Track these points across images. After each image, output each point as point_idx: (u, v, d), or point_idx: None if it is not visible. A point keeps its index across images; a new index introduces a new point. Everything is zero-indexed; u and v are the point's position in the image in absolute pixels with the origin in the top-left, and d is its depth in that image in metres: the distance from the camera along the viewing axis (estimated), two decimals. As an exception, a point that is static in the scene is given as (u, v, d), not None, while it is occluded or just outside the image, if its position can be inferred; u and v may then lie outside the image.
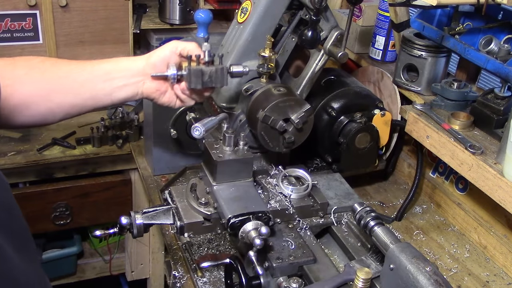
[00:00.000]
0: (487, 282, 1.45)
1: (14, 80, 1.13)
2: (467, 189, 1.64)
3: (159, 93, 1.26)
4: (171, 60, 1.24)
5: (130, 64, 1.24)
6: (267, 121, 1.35)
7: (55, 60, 1.25)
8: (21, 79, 1.14)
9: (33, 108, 1.16)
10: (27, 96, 1.14)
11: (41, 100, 1.17)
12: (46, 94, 1.17)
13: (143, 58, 1.25)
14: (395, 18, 1.74)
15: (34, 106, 1.16)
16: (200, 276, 1.35)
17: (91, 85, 1.21)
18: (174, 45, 1.25)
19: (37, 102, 1.16)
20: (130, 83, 1.23)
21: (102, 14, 2.33)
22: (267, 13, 1.46)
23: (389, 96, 1.80)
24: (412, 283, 1.02)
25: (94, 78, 1.21)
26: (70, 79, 1.20)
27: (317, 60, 1.52)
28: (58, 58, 1.25)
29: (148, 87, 1.24)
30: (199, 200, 1.26)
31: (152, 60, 1.23)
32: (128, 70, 1.23)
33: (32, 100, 1.15)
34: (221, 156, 1.23)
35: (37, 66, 1.18)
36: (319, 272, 1.21)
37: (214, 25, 2.37)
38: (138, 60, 1.25)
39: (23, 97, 1.14)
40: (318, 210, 1.39)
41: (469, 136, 1.47)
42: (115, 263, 2.61)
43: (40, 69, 1.18)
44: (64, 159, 2.08)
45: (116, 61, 1.25)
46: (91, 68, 1.23)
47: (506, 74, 1.40)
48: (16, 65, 1.16)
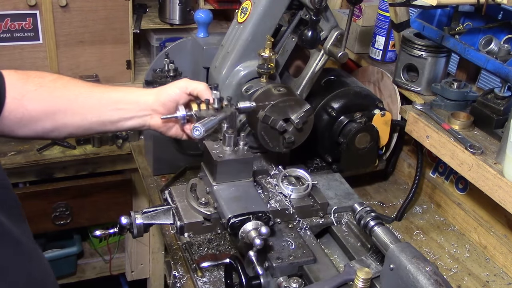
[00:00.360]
0: (487, 282, 1.45)
1: (23, 95, 1.15)
2: (467, 189, 1.64)
3: (166, 127, 1.29)
4: (180, 99, 1.26)
5: (139, 98, 1.25)
6: (267, 121, 1.35)
7: (68, 79, 1.24)
8: (30, 95, 1.16)
9: (39, 124, 1.18)
10: (33, 112, 1.16)
11: (47, 118, 1.19)
12: (52, 113, 1.19)
13: (153, 93, 1.26)
14: (395, 18, 1.74)
15: (39, 123, 1.18)
16: (200, 276, 1.35)
17: (98, 112, 1.23)
18: (184, 84, 1.27)
19: (43, 119, 1.18)
20: (138, 115, 1.25)
21: (102, 14, 2.33)
22: (267, 13, 1.46)
23: (389, 96, 1.80)
24: (412, 283, 1.02)
25: (102, 105, 1.23)
26: (78, 102, 1.21)
27: (317, 60, 1.52)
28: (72, 78, 1.26)
29: (156, 121, 1.27)
30: (199, 200, 1.26)
31: (162, 98, 1.25)
32: (136, 104, 1.25)
33: (38, 117, 1.17)
34: (221, 156, 1.23)
35: (47, 85, 1.20)
36: (319, 272, 1.21)
37: (214, 25, 2.37)
38: (148, 94, 1.26)
39: (29, 112, 1.16)
40: (318, 210, 1.39)
41: (469, 136, 1.47)
42: (115, 263, 2.61)
43: (50, 88, 1.20)
44: (64, 159, 2.08)
45: (126, 91, 1.26)
46: (100, 95, 1.23)
47: (506, 74, 1.40)
48: (28, 80, 1.18)
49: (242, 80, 1.51)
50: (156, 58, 1.94)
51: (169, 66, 1.87)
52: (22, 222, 0.98)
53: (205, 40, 1.81)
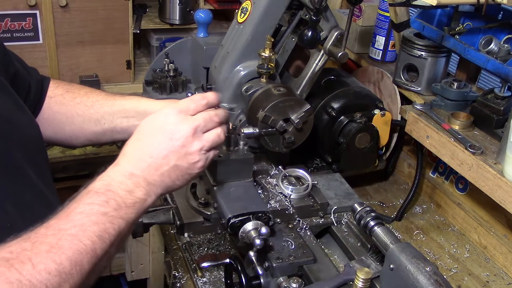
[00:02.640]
0: (487, 282, 1.45)
1: (51, 97, 1.28)
2: (467, 189, 1.64)
3: None
4: None
5: (148, 107, 1.25)
6: (267, 121, 1.35)
7: (91, 89, 1.32)
8: (57, 98, 1.28)
9: (59, 126, 1.27)
10: (57, 114, 1.27)
11: (67, 122, 1.27)
12: (71, 116, 1.27)
13: (162, 105, 1.24)
14: (395, 18, 1.74)
15: (60, 125, 1.27)
16: (200, 276, 1.35)
17: (110, 118, 1.26)
18: None
19: (64, 122, 1.27)
20: None
21: (102, 14, 2.33)
22: (267, 13, 1.46)
23: (389, 96, 1.80)
24: (412, 283, 1.02)
25: (113, 112, 1.26)
26: (94, 108, 1.27)
27: (317, 60, 1.52)
28: (94, 89, 1.34)
29: None
30: (199, 200, 1.26)
31: None
32: (144, 114, 1.23)
33: (60, 119, 1.27)
34: (221, 156, 1.23)
35: (72, 91, 1.30)
36: (319, 272, 1.21)
37: (214, 25, 2.37)
38: (158, 104, 1.25)
39: (53, 114, 1.27)
40: (318, 210, 1.39)
41: (469, 136, 1.47)
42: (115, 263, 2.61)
43: (74, 94, 1.29)
44: (64, 159, 2.08)
45: (138, 100, 1.28)
46: (113, 103, 1.27)
47: (506, 74, 1.40)
48: (58, 85, 1.31)
49: (242, 80, 1.51)
50: (156, 58, 1.95)
51: (169, 66, 1.87)
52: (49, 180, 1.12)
53: (205, 40, 1.81)
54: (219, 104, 1.11)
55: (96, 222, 0.86)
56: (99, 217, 0.86)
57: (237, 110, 1.53)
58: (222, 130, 1.07)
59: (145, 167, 0.97)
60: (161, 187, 0.99)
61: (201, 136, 1.02)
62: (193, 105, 1.04)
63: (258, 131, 1.33)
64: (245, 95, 1.48)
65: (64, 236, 0.82)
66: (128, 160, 0.97)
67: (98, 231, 0.85)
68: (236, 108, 1.53)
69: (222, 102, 1.54)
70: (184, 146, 0.99)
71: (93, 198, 0.89)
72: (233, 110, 1.53)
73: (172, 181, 1.00)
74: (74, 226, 0.83)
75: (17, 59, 1.26)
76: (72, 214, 0.86)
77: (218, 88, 1.55)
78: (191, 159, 1.00)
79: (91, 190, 0.91)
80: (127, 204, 0.92)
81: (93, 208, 0.87)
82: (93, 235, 0.84)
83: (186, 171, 1.01)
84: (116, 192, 0.92)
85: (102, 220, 0.86)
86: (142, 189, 0.95)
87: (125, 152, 0.99)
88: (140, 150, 0.98)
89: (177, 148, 0.99)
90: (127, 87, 2.49)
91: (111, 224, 0.87)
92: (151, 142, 0.99)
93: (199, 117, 1.03)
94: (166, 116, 1.01)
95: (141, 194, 0.95)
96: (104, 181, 0.93)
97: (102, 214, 0.87)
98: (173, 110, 1.02)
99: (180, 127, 1.00)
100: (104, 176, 0.95)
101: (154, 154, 0.98)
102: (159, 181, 0.98)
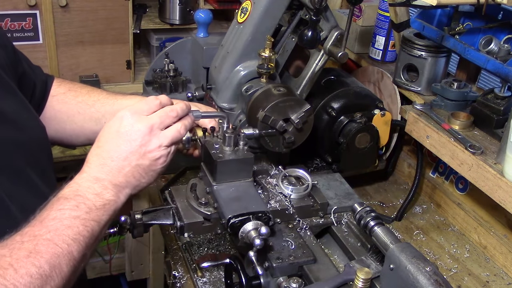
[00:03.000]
0: (487, 282, 1.45)
1: (53, 95, 1.30)
2: (467, 189, 1.64)
3: None
4: None
5: None
6: (267, 121, 1.35)
7: (93, 88, 1.34)
8: (59, 96, 1.29)
9: (60, 125, 1.28)
10: (58, 113, 1.28)
11: (67, 120, 1.28)
12: (72, 115, 1.28)
13: None
14: (395, 18, 1.74)
15: (61, 124, 1.28)
16: (200, 276, 1.35)
17: (111, 117, 1.25)
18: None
19: (65, 121, 1.29)
20: None
21: (102, 14, 2.33)
22: (267, 13, 1.46)
23: (389, 96, 1.80)
24: (412, 283, 1.02)
25: (114, 111, 1.25)
26: (95, 107, 1.28)
27: (317, 60, 1.52)
28: (96, 88, 1.36)
29: None
30: (199, 200, 1.26)
31: None
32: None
33: (61, 118, 1.28)
34: (221, 156, 1.23)
35: (74, 89, 1.32)
36: (319, 272, 1.21)
37: (214, 25, 2.37)
38: None
39: (55, 112, 1.28)
40: (318, 210, 1.39)
41: (469, 136, 1.47)
42: (115, 263, 2.61)
43: (76, 92, 1.31)
44: (64, 159, 2.09)
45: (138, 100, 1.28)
46: (114, 102, 1.29)
47: (506, 74, 1.40)
48: (61, 84, 1.32)
49: (242, 80, 1.51)
50: (156, 58, 1.95)
51: (169, 66, 1.87)
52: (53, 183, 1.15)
53: (205, 40, 1.81)
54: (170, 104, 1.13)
55: (69, 225, 0.88)
56: (71, 221, 0.89)
57: (237, 110, 1.53)
58: (183, 125, 1.10)
59: (108, 170, 1.00)
60: (128, 187, 1.03)
61: (159, 133, 1.05)
62: (146, 106, 1.07)
63: (258, 132, 1.33)
64: (245, 95, 1.48)
65: (40, 241, 0.84)
66: (92, 166, 1.01)
67: (73, 234, 0.88)
68: (236, 108, 1.53)
69: (223, 102, 1.54)
70: (142, 145, 1.03)
71: (63, 204, 0.91)
72: (233, 110, 1.53)
73: (137, 180, 1.04)
74: (48, 231, 0.86)
75: (23, 57, 1.27)
76: (45, 220, 0.88)
77: (218, 88, 1.55)
78: (152, 157, 1.04)
79: (61, 197, 0.93)
80: (97, 206, 0.95)
81: (64, 213, 0.90)
82: (68, 238, 0.87)
83: (149, 168, 1.04)
84: (85, 196, 0.94)
85: (75, 223, 0.89)
86: (110, 191, 0.99)
87: (88, 160, 1.03)
88: (101, 156, 1.02)
89: (136, 148, 1.02)
90: (127, 87, 2.49)
91: (84, 226, 0.90)
92: (110, 146, 1.02)
93: (154, 116, 1.06)
94: (121, 120, 1.04)
95: (109, 196, 0.98)
96: (72, 188, 0.96)
97: (74, 218, 0.90)
98: (127, 113, 1.05)
99: (135, 127, 1.03)
100: (71, 183, 0.98)
101: (115, 157, 1.01)
102: (125, 182, 1.02)
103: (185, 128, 1.11)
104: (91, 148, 1.05)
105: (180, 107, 1.12)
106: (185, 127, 1.11)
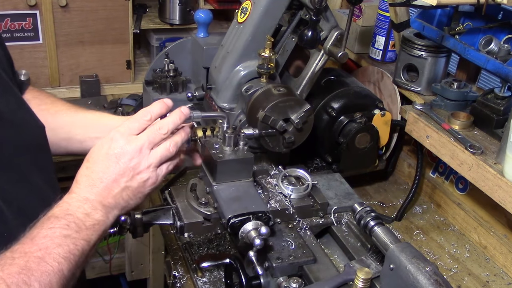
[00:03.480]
0: (487, 282, 1.45)
1: None
2: (467, 189, 1.64)
3: None
4: None
5: (109, 122, 1.26)
6: (267, 121, 1.35)
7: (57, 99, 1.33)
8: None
9: None
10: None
11: None
12: None
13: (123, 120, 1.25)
14: (395, 18, 1.74)
15: None
16: (200, 276, 1.35)
17: (68, 129, 1.26)
18: None
19: None
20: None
21: (102, 14, 2.33)
22: (267, 13, 1.46)
23: (389, 96, 1.80)
24: (412, 283, 1.02)
25: (73, 122, 1.26)
26: (55, 117, 1.26)
27: (317, 60, 1.52)
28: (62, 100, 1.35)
29: None
30: (199, 200, 1.26)
31: None
32: (105, 126, 1.25)
33: None
34: (221, 156, 1.23)
35: (40, 97, 1.30)
36: (319, 272, 1.21)
37: (214, 25, 2.37)
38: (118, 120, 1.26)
39: None
40: (318, 210, 1.39)
41: (469, 136, 1.47)
42: (115, 263, 2.61)
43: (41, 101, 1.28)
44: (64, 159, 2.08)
45: (100, 115, 1.30)
46: (75, 113, 1.28)
47: (506, 74, 1.40)
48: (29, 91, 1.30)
49: (242, 80, 1.51)
50: (156, 58, 1.95)
51: (169, 66, 1.87)
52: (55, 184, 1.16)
53: (205, 40, 1.81)
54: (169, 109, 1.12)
55: (60, 244, 0.89)
56: (62, 240, 0.90)
57: (237, 110, 1.53)
58: (173, 142, 1.09)
59: (97, 191, 1.01)
60: (117, 208, 1.03)
61: (148, 154, 1.05)
62: (136, 124, 1.06)
63: (258, 132, 1.33)
64: (245, 95, 1.48)
65: (31, 258, 0.85)
66: (81, 187, 1.01)
67: (63, 252, 0.88)
68: (236, 108, 1.53)
69: (223, 102, 1.54)
70: (131, 168, 1.03)
71: (54, 222, 0.92)
72: (233, 110, 1.53)
73: (125, 202, 1.04)
74: (39, 249, 0.87)
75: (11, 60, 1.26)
76: (36, 238, 0.89)
77: (218, 88, 1.55)
78: (140, 178, 1.04)
79: (51, 216, 0.94)
80: (87, 226, 0.95)
81: (55, 231, 0.90)
82: (58, 256, 0.87)
83: (138, 190, 1.05)
84: (75, 215, 0.95)
85: (65, 242, 0.90)
86: (99, 211, 0.99)
87: (77, 180, 1.02)
88: (91, 177, 1.02)
89: (125, 171, 1.02)
90: (127, 87, 2.49)
91: (75, 245, 0.91)
92: (100, 168, 1.02)
93: (143, 136, 1.05)
94: (111, 141, 1.04)
95: (99, 216, 0.99)
96: (63, 207, 0.96)
97: (65, 237, 0.90)
98: (117, 134, 1.05)
99: (124, 149, 1.03)
100: (61, 203, 0.98)
101: (104, 178, 1.01)
102: (114, 203, 1.02)
103: (176, 145, 1.10)
104: (80, 168, 1.05)
105: (172, 121, 1.10)
106: (176, 144, 1.10)
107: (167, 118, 1.10)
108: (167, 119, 1.10)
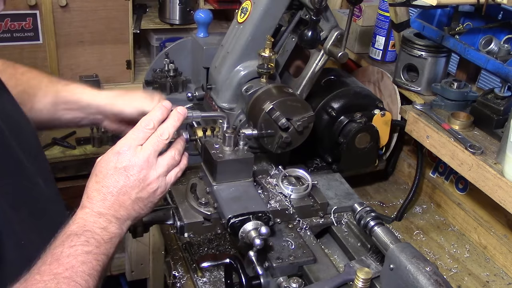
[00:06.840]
0: (487, 282, 1.45)
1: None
2: (467, 189, 1.64)
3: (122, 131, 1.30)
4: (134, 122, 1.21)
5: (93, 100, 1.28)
6: (272, 114, 1.35)
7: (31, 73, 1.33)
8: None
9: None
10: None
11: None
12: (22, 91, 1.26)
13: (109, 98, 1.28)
14: (395, 18, 1.74)
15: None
16: (200, 276, 1.35)
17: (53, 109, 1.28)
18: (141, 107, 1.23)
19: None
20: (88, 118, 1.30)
21: (102, 14, 2.33)
22: (267, 13, 1.46)
23: (389, 96, 1.80)
24: (412, 283, 1.02)
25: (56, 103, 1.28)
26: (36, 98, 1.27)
27: (317, 60, 1.52)
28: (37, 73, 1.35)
29: (109, 125, 1.32)
30: (199, 200, 1.26)
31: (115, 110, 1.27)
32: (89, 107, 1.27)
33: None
34: (221, 156, 1.23)
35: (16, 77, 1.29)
36: (319, 272, 1.21)
37: (214, 25, 2.37)
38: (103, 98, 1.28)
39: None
40: (318, 210, 1.39)
41: (469, 136, 1.47)
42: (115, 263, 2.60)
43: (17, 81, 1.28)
44: (64, 159, 2.09)
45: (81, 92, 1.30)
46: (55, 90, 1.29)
47: (506, 74, 1.40)
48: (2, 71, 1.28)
49: (242, 80, 1.51)
50: (156, 58, 1.95)
51: (169, 66, 1.87)
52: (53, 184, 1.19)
53: (205, 40, 1.81)
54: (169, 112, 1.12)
55: (83, 261, 0.91)
56: (85, 257, 0.92)
57: (237, 110, 1.53)
58: (176, 150, 1.10)
59: (110, 205, 1.02)
60: (129, 219, 1.05)
61: (155, 163, 1.06)
62: (141, 135, 1.07)
63: (258, 132, 1.33)
64: (245, 95, 1.48)
65: (60, 279, 0.87)
66: (93, 202, 1.02)
67: (88, 270, 0.91)
68: (236, 108, 1.53)
69: (223, 103, 1.54)
70: (141, 179, 1.04)
71: (74, 240, 0.93)
72: (233, 110, 1.53)
73: (137, 212, 1.06)
74: (66, 269, 0.89)
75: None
76: (61, 258, 0.91)
77: (218, 88, 1.55)
78: (150, 189, 1.05)
79: (70, 234, 0.95)
80: (105, 240, 0.97)
81: (77, 249, 0.92)
82: (84, 274, 0.90)
83: (148, 199, 1.06)
84: (93, 231, 0.97)
85: (88, 258, 0.92)
86: (114, 224, 1.01)
87: (88, 195, 1.03)
88: (101, 191, 1.03)
89: (135, 183, 1.04)
90: (127, 87, 2.49)
91: (97, 261, 0.93)
92: (110, 182, 1.03)
93: (148, 146, 1.06)
94: (118, 155, 1.04)
95: (114, 229, 1.00)
96: (79, 223, 0.98)
97: (87, 253, 0.93)
98: (123, 146, 1.05)
99: (132, 162, 1.04)
100: (76, 219, 0.99)
101: (115, 192, 1.03)
102: (126, 215, 1.04)
103: (179, 153, 1.12)
104: (89, 182, 1.06)
105: (172, 124, 1.10)
106: (179, 152, 1.12)
107: (166, 122, 1.10)
108: (166, 124, 1.10)
